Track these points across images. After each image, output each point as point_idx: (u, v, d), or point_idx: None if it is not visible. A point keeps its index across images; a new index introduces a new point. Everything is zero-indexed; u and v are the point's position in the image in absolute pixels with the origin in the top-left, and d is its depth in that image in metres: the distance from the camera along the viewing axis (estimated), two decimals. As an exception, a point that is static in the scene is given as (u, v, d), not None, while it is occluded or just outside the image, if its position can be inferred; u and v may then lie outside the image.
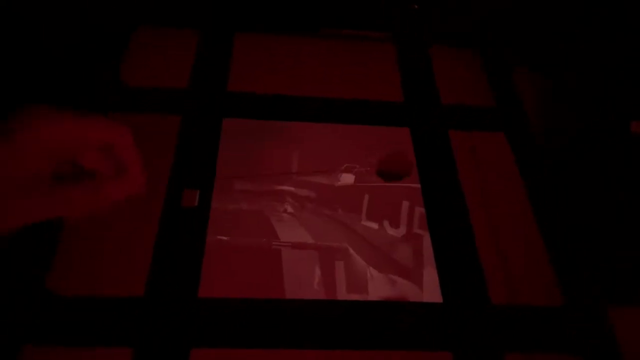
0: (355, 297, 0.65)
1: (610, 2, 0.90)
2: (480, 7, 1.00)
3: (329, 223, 0.72)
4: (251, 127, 0.81)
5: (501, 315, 0.66)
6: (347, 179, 0.76)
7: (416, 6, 1.00)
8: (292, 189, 0.74)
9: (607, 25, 0.91)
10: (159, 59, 0.88)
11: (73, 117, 0.27)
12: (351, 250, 0.69)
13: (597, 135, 0.84)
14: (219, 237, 0.68)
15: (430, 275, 0.68)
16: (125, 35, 0.89)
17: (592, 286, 0.70)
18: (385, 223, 0.72)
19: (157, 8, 0.94)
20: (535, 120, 0.88)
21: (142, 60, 0.87)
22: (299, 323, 0.62)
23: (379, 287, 0.66)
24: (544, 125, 0.87)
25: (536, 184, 0.79)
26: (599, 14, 0.92)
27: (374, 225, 0.72)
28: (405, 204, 0.74)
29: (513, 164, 0.82)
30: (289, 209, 0.72)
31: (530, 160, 0.82)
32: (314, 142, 0.81)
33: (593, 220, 0.76)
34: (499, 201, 0.77)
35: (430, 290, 0.66)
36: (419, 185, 0.76)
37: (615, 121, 0.86)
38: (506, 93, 0.93)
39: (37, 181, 0.26)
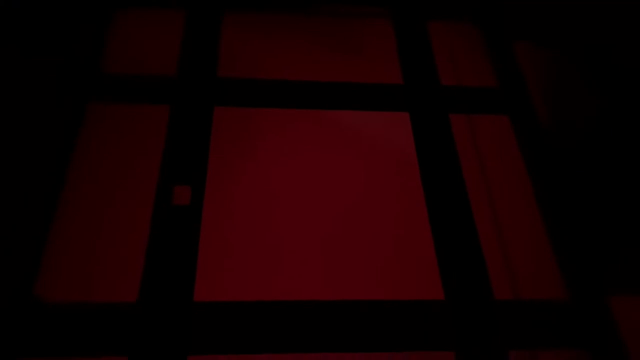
0: (354, 295, 0.63)
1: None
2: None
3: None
4: (244, 114, 0.77)
5: (505, 311, 0.64)
6: None
7: None
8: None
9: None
10: (143, 43, 0.82)
11: None
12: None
13: (610, 115, 0.81)
14: (213, 235, 0.66)
15: (432, 271, 0.66)
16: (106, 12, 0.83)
17: (597, 277, 0.68)
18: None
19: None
20: (540, 101, 0.84)
21: (125, 45, 0.82)
22: (298, 325, 0.61)
23: (379, 284, 0.64)
24: (550, 106, 0.84)
25: (541, 173, 0.77)
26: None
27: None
28: None
29: (517, 150, 0.79)
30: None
31: (535, 146, 0.79)
32: (309, 130, 0.77)
33: (598, 210, 0.74)
34: (502, 192, 0.74)
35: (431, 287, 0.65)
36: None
37: (632, 100, 0.82)
38: (509, 72, 0.89)
39: None
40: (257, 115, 0.78)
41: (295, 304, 0.62)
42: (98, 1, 0.86)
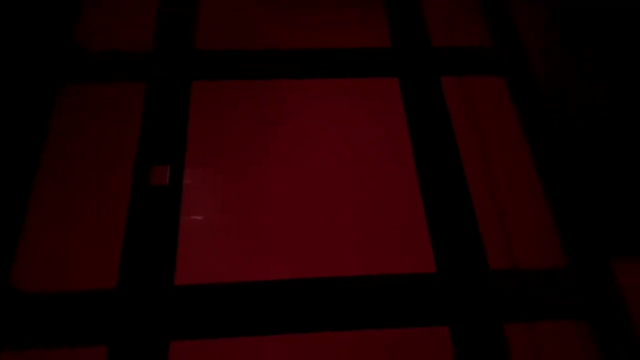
0: (340, 271, 0.61)
1: None
2: None
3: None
4: (224, 88, 0.74)
5: (500, 282, 0.62)
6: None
7: None
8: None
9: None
10: (117, 17, 0.78)
11: None
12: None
13: (607, 77, 0.76)
14: (193, 217, 0.63)
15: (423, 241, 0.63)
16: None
17: (598, 240, 0.65)
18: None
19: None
20: (537, 62, 0.79)
21: (98, 20, 0.78)
22: (284, 305, 0.58)
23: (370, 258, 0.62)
24: (546, 66, 0.79)
25: (539, 134, 0.73)
26: None
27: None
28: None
29: (512, 113, 0.75)
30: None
31: (532, 109, 0.75)
32: (295, 101, 0.73)
33: (599, 171, 0.70)
34: (498, 156, 0.70)
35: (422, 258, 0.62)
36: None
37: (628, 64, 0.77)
38: (504, 31, 0.84)
39: None
40: (236, 89, 0.74)
41: (279, 284, 0.60)
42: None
